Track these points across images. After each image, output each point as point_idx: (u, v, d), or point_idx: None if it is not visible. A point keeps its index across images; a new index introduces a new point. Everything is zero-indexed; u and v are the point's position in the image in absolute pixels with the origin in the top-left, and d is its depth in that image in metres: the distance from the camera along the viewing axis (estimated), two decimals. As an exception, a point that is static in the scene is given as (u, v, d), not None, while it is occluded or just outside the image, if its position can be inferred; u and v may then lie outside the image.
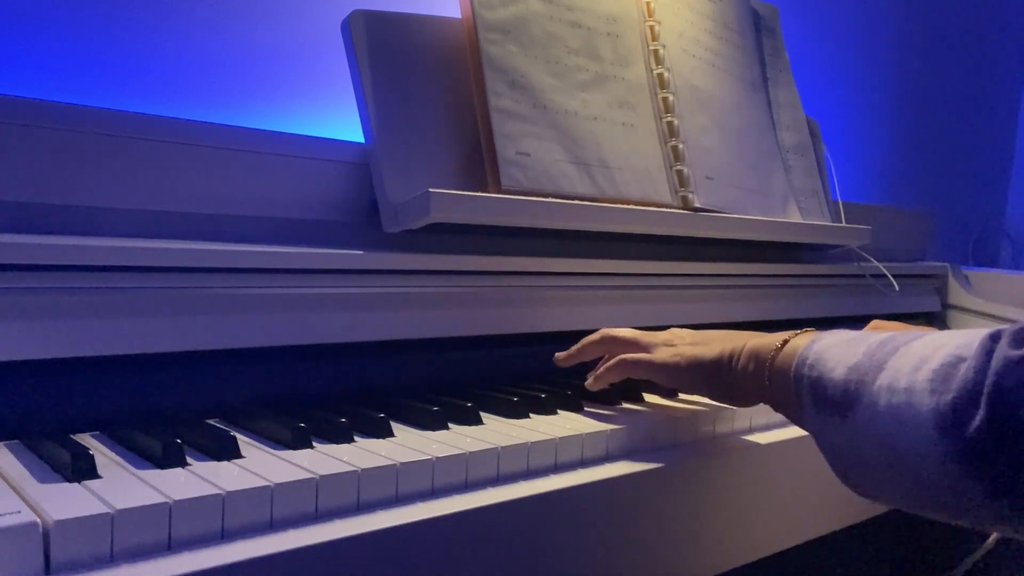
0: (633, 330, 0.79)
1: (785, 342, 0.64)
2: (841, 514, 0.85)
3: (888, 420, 0.52)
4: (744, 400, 0.70)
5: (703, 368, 0.70)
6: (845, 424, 0.55)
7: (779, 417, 0.82)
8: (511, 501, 0.56)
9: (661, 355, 0.73)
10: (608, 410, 0.76)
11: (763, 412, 0.81)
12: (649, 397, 0.82)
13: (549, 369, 0.90)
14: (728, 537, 0.72)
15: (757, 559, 0.75)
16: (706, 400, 0.82)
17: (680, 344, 0.74)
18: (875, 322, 0.91)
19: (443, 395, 0.75)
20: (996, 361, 0.47)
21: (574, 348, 0.81)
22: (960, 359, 0.49)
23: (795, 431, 0.80)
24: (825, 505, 0.82)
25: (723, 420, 0.77)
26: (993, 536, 1.04)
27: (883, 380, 0.53)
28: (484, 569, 0.54)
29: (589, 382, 0.78)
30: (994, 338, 0.48)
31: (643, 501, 0.65)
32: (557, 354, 0.82)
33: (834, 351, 0.58)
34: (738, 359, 0.68)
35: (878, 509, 0.88)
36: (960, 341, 0.51)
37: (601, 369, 0.77)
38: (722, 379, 0.69)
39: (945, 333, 0.54)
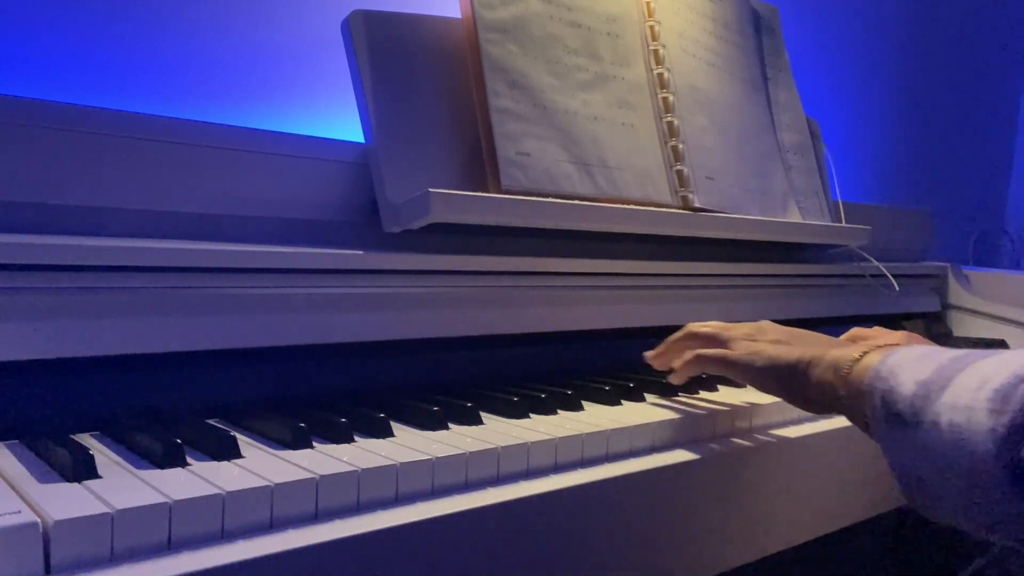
0: (717, 324, 0.79)
1: (864, 354, 0.64)
2: (858, 507, 0.85)
3: (948, 437, 0.52)
4: (816, 407, 0.70)
5: (778, 369, 0.70)
6: (915, 440, 0.55)
7: (774, 419, 0.82)
8: (511, 501, 0.56)
9: (737, 352, 0.73)
10: (609, 410, 0.76)
11: (760, 414, 0.81)
12: (651, 398, 0.82)
13: (549, 369, 0.90)
14: (730, 536, 0.72)
15: (758, 558, 0.75)
16: (706, 400, 0.82)
17: (761, 340, 0.74)
18: (855, 330, 0.91)
19: (443, 395, 0.75)
20: None
21: (661, 346, 0.82)
22: (1021, 379, 0.49)
23: (795, 431, 0.80)
24: (838, 500, 0.82)
25: (722, 420, 0.77)
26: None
27: (947, 397, 0.53)
28: (484, 569, 0.54)
29: (670, 378, 0.79)
30: None
31: (643, 501, 0.65)
32: (646, 352, 0.83)
33: (907, 365, 0.58)
34: (816, 367, 0.67)
35: (892, 503, 0.88)
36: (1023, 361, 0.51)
37: (679, 364, 0.77)
38: (796, 383, 0.69)
39: (1017, 352, 0.54)
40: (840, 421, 0.77)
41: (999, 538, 0.53)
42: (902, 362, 0.59)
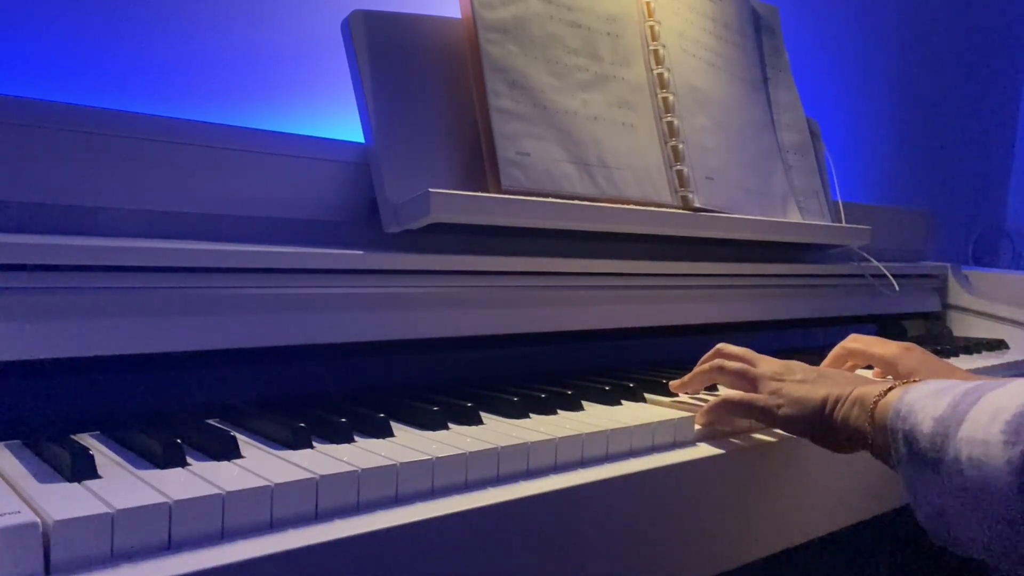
0: (745, 357, 0.78)
1: (888, 390, 0.64)
2: (861, 507, 0.85)
3: (969, 472, 0.53)
4: (842, 447, 0.69)
5: (804, 412, 0.70)
6: (938, 478, 0.56)
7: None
8: (511, 501, 0.56)
9: (762, 398, 0.73)
10: (609, 410, 0.76)
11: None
12: (651, 397, 0.82)
13: (549, 369, 0.90)
14: (730, 536, 0.72)
15: (759, 558, 0.75)
16: (706, 400, 0.82)
17: (788, 380, 0.73)
18: (852, 336, 0.92)
19: (443, 395, 0.75)
20: None
21: (687, 376, 0.82)
22: None
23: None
24: (839, 500, 0.82)
25: (723, 421, 0.77)
26: None
27: (964, 432, 0.54)
28: (484, 569, 0.54)
29: (696, 421, 0.76)
30: None
31: (644, 501, 0.65)
32: (672, 382, 0.83)
33: (923, 402, 0.59)
34: (842, 406, 0.67)
35: (894, 502, 0.88)
36: None
37: (705, 408, 0.76)
38: (822, 424, 0.69)
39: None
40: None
41: None
42: (919, 399, 0.60)
